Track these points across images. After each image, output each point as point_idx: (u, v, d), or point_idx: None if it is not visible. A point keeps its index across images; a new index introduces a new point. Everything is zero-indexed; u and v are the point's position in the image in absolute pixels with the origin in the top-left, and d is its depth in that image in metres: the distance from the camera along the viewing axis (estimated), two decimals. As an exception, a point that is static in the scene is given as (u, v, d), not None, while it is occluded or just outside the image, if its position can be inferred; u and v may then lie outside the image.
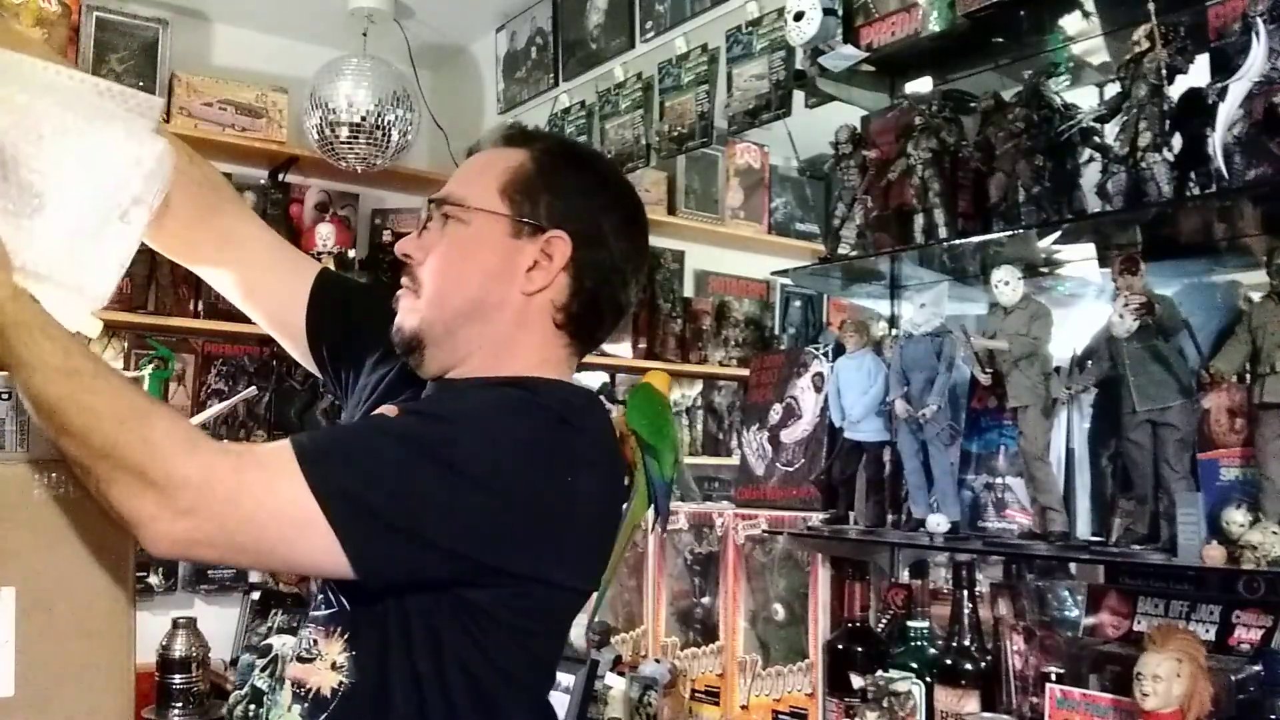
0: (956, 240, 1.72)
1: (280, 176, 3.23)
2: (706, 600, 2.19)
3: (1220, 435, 1.42)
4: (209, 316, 2.96)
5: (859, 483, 1.83)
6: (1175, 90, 1.46)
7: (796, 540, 1.97)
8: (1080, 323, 1.65)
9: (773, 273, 2.49)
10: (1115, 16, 1.69)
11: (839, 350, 1.93)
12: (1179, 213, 1.51)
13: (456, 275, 1.13)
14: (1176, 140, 1.45)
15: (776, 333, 3.40)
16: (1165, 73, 1.44)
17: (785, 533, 1.97)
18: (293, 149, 3.14)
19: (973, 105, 1.78)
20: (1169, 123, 1.45)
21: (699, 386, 3.33)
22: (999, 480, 1.67)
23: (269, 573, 2.95)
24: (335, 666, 1.06)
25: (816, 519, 1.90)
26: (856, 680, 1.76)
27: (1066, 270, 1.79)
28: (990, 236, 1.67)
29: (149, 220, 1.07)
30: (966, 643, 1.67)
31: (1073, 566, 1.67)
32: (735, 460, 2.29)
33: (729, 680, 2.09)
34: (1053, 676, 1.52)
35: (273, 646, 2.23)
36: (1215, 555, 1.32)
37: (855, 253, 1.89)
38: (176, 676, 2.36)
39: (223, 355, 3.12)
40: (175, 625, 2.40)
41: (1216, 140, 1.39)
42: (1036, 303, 1.60)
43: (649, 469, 1.31)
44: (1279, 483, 1.33)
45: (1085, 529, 1.56)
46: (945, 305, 1.71)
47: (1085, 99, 1.67)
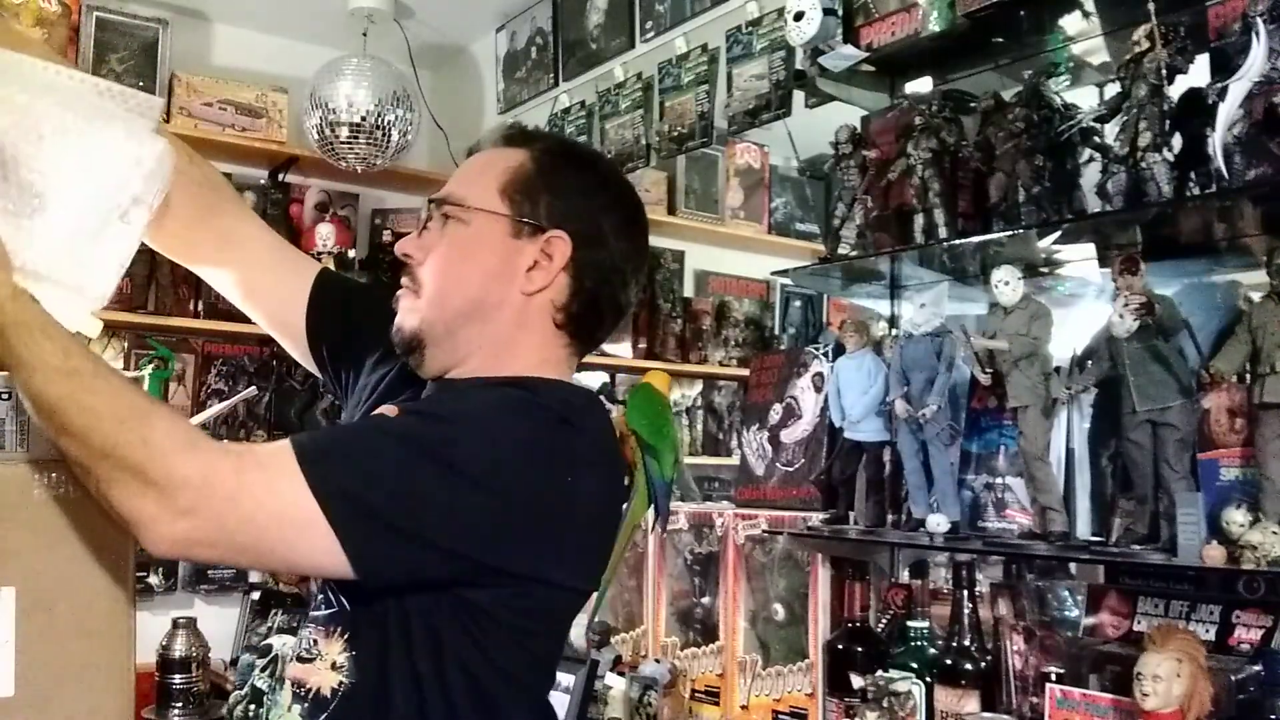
0: (956, 240, 1.72)
1: (280, 176, 3.23)
2: (706, 600, 2.19)
3: (1220, 435, 1.42)
4: (209, 316, 2.96)
5: (859, 483, 1.83)
6: (1175, 90, 1.46)
7: (796, 540, 1.97)
8: (1080, 323, 1.65)
9: (773, 273, 2.49)
10: (1115, 16, 1.69)
11: (839, 350, 1.93)
12: (1179, 213, 1.51)
13: (457, 275, 1.13)
14: (1176, 140, 1.45)
15: (776, 333, 3.40)
16: (1165, 73, 1.44)
17: (785, 533, 1.97)
18: (293, 149, 3.14)
19: (973, 105, 1.78)
20: (1169, 123, 1.45)
21: (699, 386, 3.33)
22: (999, 480, 1.67)
23: (269, 573, 2.95)
24: (335, 666, 1.06)
25: (816, 519, 1.90)
26: (856, 680, 1.76)
27: (1066, 270, 1.79)
28: (990, 236, 1.67)
29: (149, 220, 1.07)
30: (966, 643, 1.66)
31: (1073, 566, 1.67)
32: (735, 460, 2.29)
33: (729, 680, 2.09)
34: (1053, 676, 1.52)
35: (273, 646, 2.23)
36: (1215, 555, 1.32)
37: (855, 253, 1.88)
38: (176, 676, 2.36)
39: (223, 355, 3.12)
40: (175, 625, 2.40)
41: (1216, 140, 1.39)
42: (1036, 303, 1.60)
43: (649, 469, 1.31)
44: (1279, 483, 1.33)
45: (1085, 529, 1.56)
46: (945, 305, 1.71)
47: (1085, 99, 1.67)
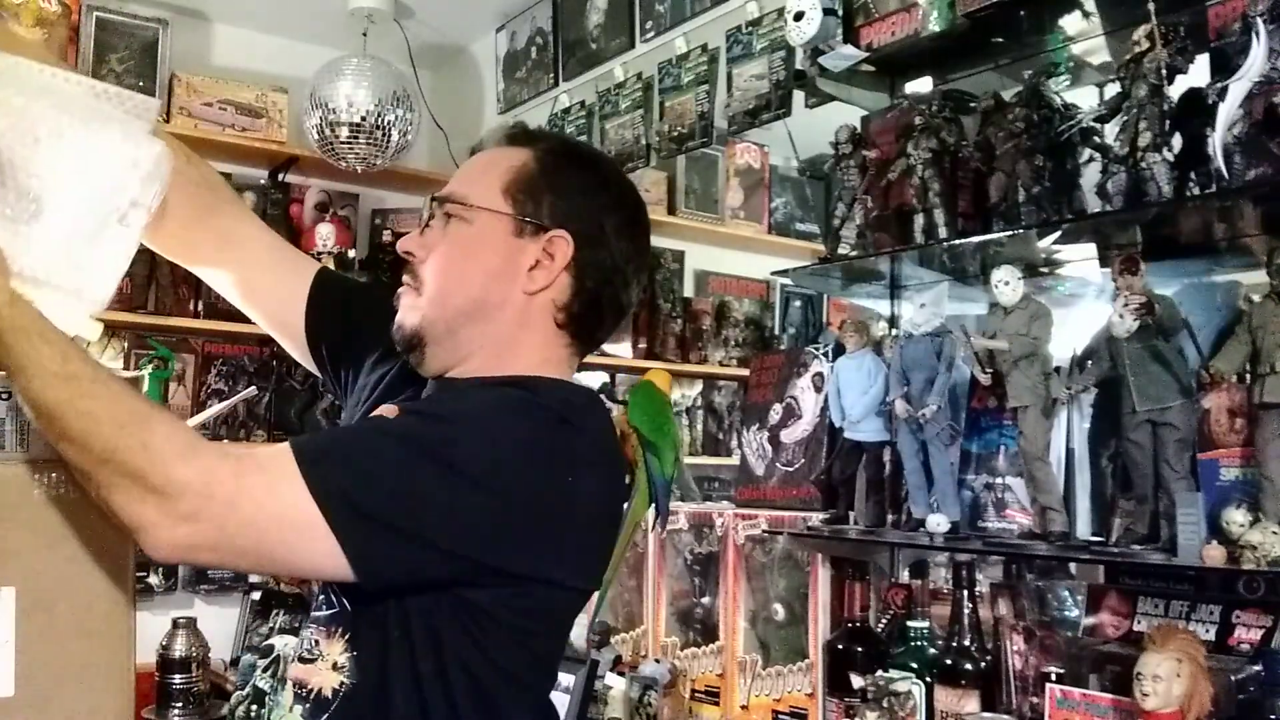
0: (956, 240, 1.72)
1: (280, 176, 3.23)
2: (706, 600, 2.19)
3: (1220, 435, 1.42)
4: (209, 316, 2.96)
5: (859, 483, 1.83)
6: (1175, 90, 1.46)
7: (796, 540, 1.97)
8: (1080, 323, 1.65)
9: (773, 273, 2.49)
10: (1115, 16, 1.69)
11: (839, 350, 1.93)
12: (1179, 213, 1.51)
13: (459, 274, 1.13)
14: (1176, 140, 1.45)
15: (776, 333, 3.40)
16: (1165, 73, 1.44)
17: (785, 533, 1.97)
18: (293, 149, 3.14)
19: (973, 105, 1.78)
20: (1169, 123, 1.45)
21: (699, 386, 3.33)
22: (999, 480, 1.67)
23: (270, 575, 2.95)
24: (336, 667, 1.06)
25: (816, 519, 1.90)
26: (856, 680, 1.76)
27: (1066, 270, 1.79)
28: (990, 236, 1.67)
29: (147, 223, 1.07)
30: (966, 643, 1.66)
31: (1073, 566, 1.67)
32: (735, 460, 2.29)
33: (729, 680, 2.09)
34: (1053, 676, 1.52)
35: (274, 647, 2.23)
36: (1215, 555, 1.32)
37: (855, 253, 1.88)
38: (176, 676, 2.36)
39: (223, 355, 3.12)
40: (175, 625, 2.39)
41: (1216, 140, 1.39)
42: (1036, 303, 1.60)
43: (650, 467, 1.31)
44: (1279, 483, 1.33)
45: (1085, 529, 1.56)
46: (945, 305, 1.71)
47: (1085, 99, 1.67)
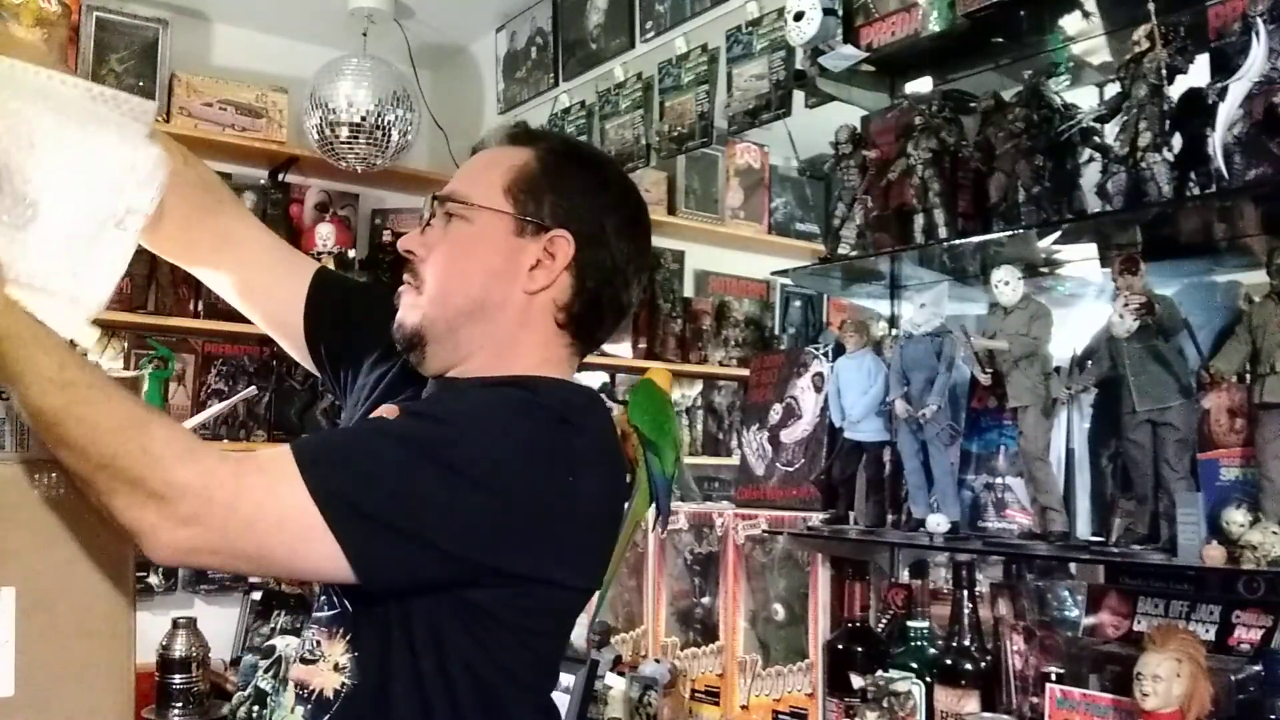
0: (956, 240, 1.72)
1: (280, 176, 3.23)
2: (706, 600, 2.19)
3: (1220, 435, 1.42)
4: (209, 316, 2.96)
5: (859, 483, 1.83)
6: (1175, 90, 1.46)
7: (796, 540, 1.97)
8: (1080, 323, 1.65)
9: (773, 273, 2.48)
10: (1115, 16, 1.69)
11: (839, 350, 1.93)
12: (1179, 213, 1.51)
13: (460, 273, 1.13)
14: (1176, 140, 1.45)
15: (776, 333, 3.39)
16: (1165, 73, 1.44)
17: (785, 533, 1.97)
18: (293, 149, 3.14)
19: (973, 105, 1.78)
20: (1169, 123, 1.45)
21: (699, 386, 3.33)
22: (999, 480, 1.67)
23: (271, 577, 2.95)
24: (338, 668, 1.06)
25: (816, 519, 1.90)
26: (856, 680, 1.76)
27: (1066, 270, 1.79)
28: (990, 236, 1.67)
29: (143, 227, 1.07)
30: (966, 643, 1.66)
31: (1073, 566, 1.67)
32: (735, 460, 2.29)
33: (729, 680, 2.09)
34: (1053, 676, 1.52)
35: (276, 647, 2.23)
36: (1215, 555, 1.32)
37: (855, 253, 1.88)
38: (176, 676, 2.36)
39: (223, 355, 3.12)
40: (175, 625, 2.40)
41: (1216, 140, 1.39)
42: (1036, 303, 1.60)
43: (650, 465, 1.31)
44: (1279, 483, 1.33)
45: (1085, 529, 1.56)
46: (945, 305, 1.71)
47: (1085, 99, 1.67)
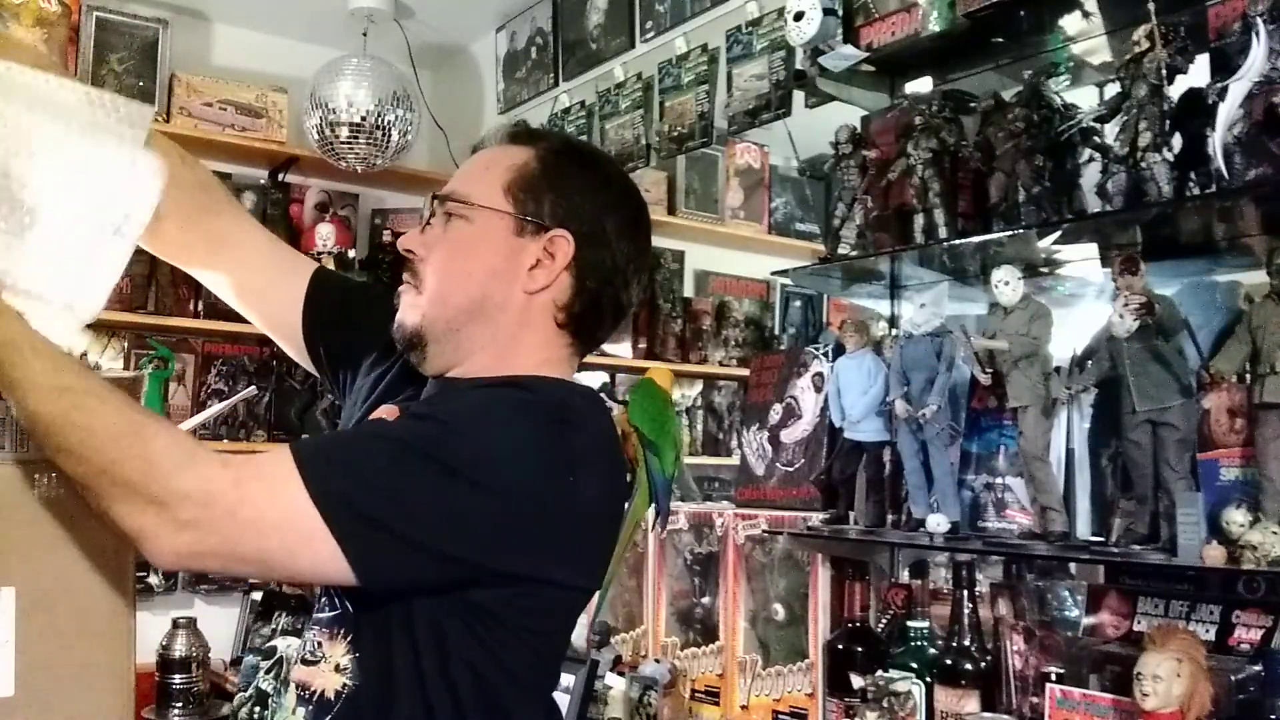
0: (956, 240, 1.72)
1: (280, 176, 3.23)
2: (706, 600, 2.19)
3: (1220, 435, 1.42)
4: (209, 316, 2.96)
5: (859, 483, 1.83)
6: (1175, 90, 1.46)
7: (796, 540, 1.97)
8: (1080, 323, 1.65)
9: (773, 273, 2.48)
10: (1116, 16, 1.68)
11: (839, 350, 1.93)
12: (1179, 213, 1.51)
13: (460, 273, 1.13)
14: (1176, 140, 1.45)
15: (776, 333, 3.39)
16: (1165, 73, 1.44)
17: (785, 533, 1.97)
18: (293, 149, 3.14)
19: (973, 105, 1.78)
20: (1169, 123, 1.45)
21: (699, 386, 3.33)
22: (999, 480, 1.67)
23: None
24: (339, 669, 1.06)
25: (816, 519, 1.90)
26: (856, 680, 1.76)
27: (1066, 270, 1.79)
28: (990, 236, 1.67)
29: (140, 234, 1.07)
30: (966, 643, 1.66)
31: (1073, 566, 1.67)
32: (735, 460, 2.29)
33: (729, 680, 2.09)
34: (1053, 676, 1.52)
35: (277, 648, 2.23)
36: (1215, 555, 1.32)
37: (855, 253, 1.88)
38: (176, 676, 2.36)
39: (223, 355, 3.12)
40: (175, 625, 2.40)
41: (1216, 140, 1.39)
42: (1036, 303, 1.60)
43: (650, 465, 1.31)
44: (1279, 483, 1.33)
45: (1085, 529, 1.56)
46: (945, 305, 1.71)
47: (1085, 99, 1.67)
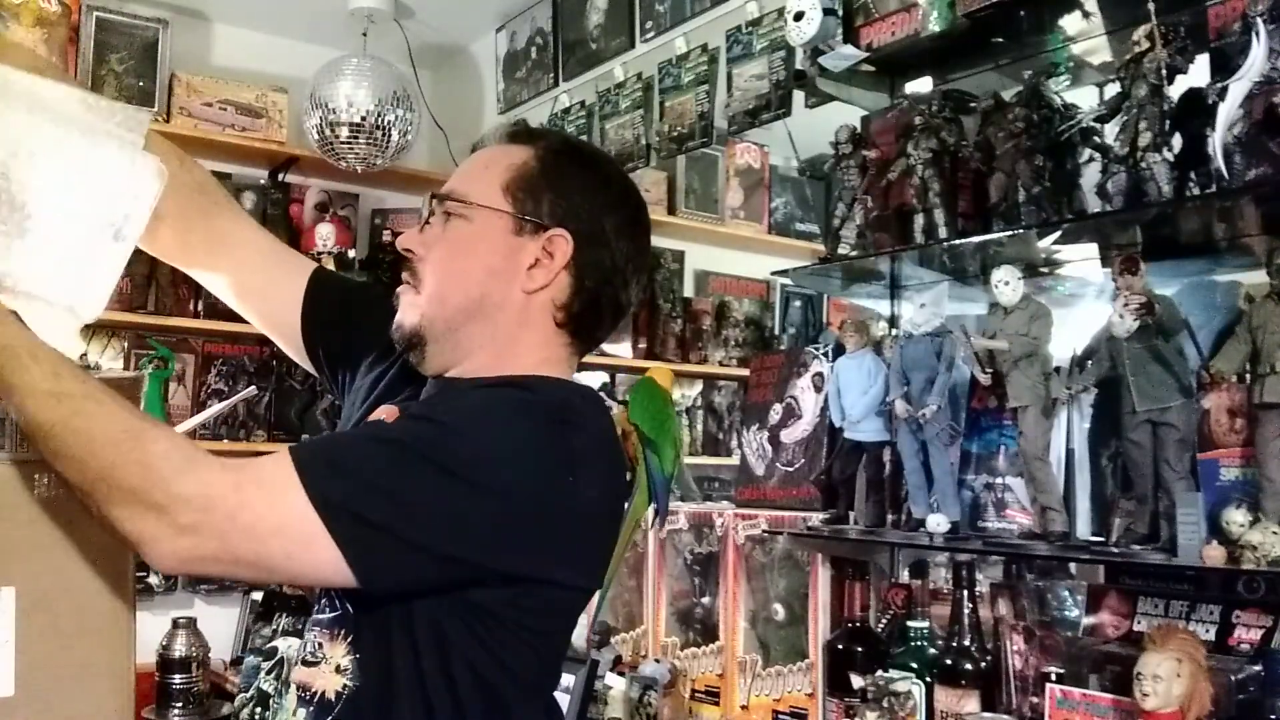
0: (956, 240, 1.72)
1: (280, 176, 3.23)
2: (706, 600, 2.19)
3: (1220, 435, 1.42)
4: (209, 316, 2.96)
5: (859, 483, 1.83)
6: (1175, 90, 1.46)
7: (796, 540, 1.97)
8: (1080, 323, 1.65)
9: (773, 273, 2.48)
10: (1116, 16, 1.69)
11: (839, 350, 1.93)
12: (1179, 213, 1.51)
13: (459, 272, 1.13)
14: (1176, 140, 1.45)
15: (776, 333, 3.40)
16: (1165, 73, 1.44)
17: (785, 533, 1.97)
18: (293, 149, 3.15)
19: (973, 105, 1.78)
20: (1169, 123, 1.45)
21: (699, 386, 3.33)
22: (999, 480, 1.67)
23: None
24: (340, 670, 1.06)
25: (816, 519, 1.90)
26: (856, 680, 1.76)
27: (1066, 270, 1.79)
28: (990, 236, 1.67)
29: (140, 234, 1.07)
30: (966, 643, 1.66)
31: (1073, 566, 1.67)
32: (735, 460, 2.29)
33: (729, 680, 2.09)
34: (1053, 676, 1.52)
35: (278, 649, 2.23)
36: (1215, 555, 1.32)
37: (855, 253, 1.88)
38: (176, 676, 2.36)
39: (223, 355, 3.12)
40: (175, 625, 2.40)
41: (1216, 140, 1.39)
42: (1036, 303, 1.60)
43: (649, 464, 1.31)
44: (1279, 483, 1.33)
45: (1085, 529, 1.56)
46: (945, 305, 1.71)
47: (1085, 99, 1.67)
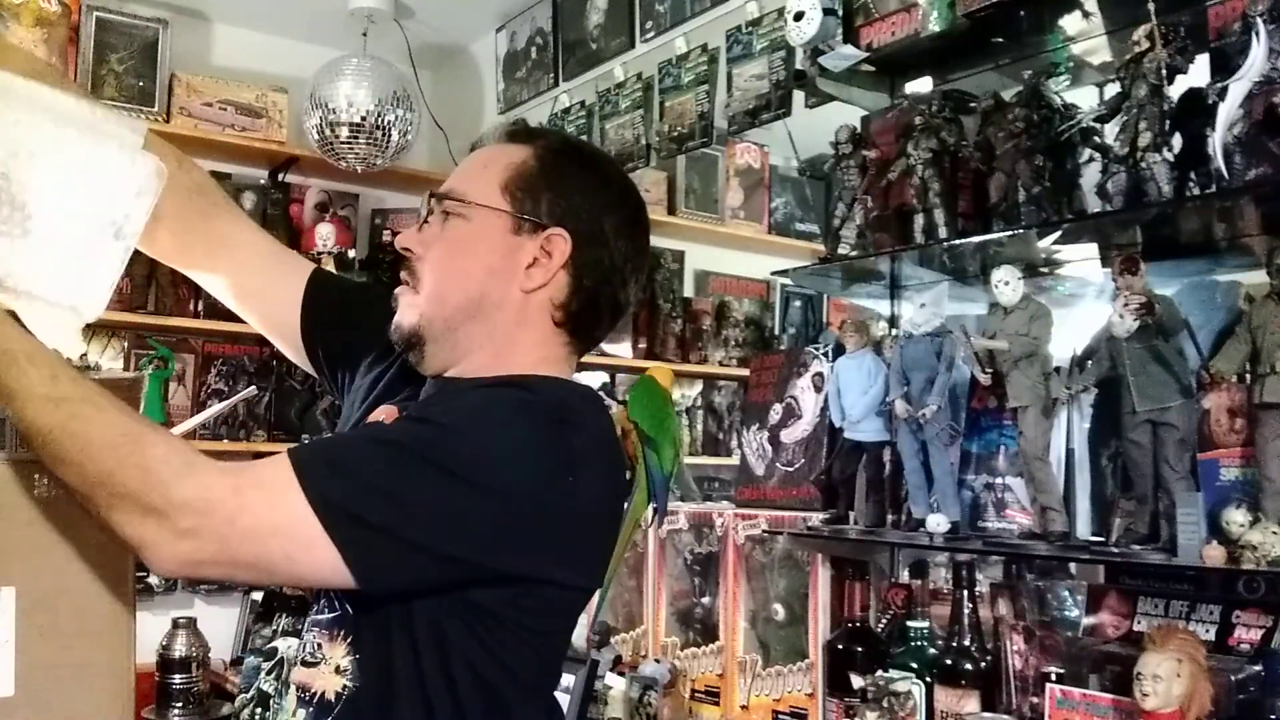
0: (956, 240, 1.72)
1: (280, 176, 3.23)
2: (706, 600, 2.19)
3: (1220, 435, 1.42)
4: (209, 316, 2.96)
5: (859, 483, 1.83)
6: (1175, 90, 1.46)
7: (796, 540, 1.97)
8: (1080, 323, 1.65)
9: (773, 273, 2.48)
10: (1116, 16, 1.69)
11: (839, 350, 1.93)
12: (1179, 213, 1.51)
13: (457, 271, 1.13)
14: (1176, 140, 1.45)
15: (776, 333, 3.40)
16: (1165, 73, 1.44)
17: (785, 533, 1.97)
18: (293, 149, 3.15)
19: (973, 105, 1.78)
20: (1169, 123, 1.45)
21: (699, 386, 3.33)
22: (999, 480, 1.67)
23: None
24: (339, 670, 1.06)
25: (816, 519, 1.90)
26: (856, 680, 1.76)
27: (1066, 270, 1.79)
28: (990, 236, 1.67)
29: (139, 235, 1.07)
30: (966, 643, 1.66)
31: (1073, 566, 1.67)
32: (735, 460, 2.29)
33: (729, 680, 2.09)
34: (1053, 676, 1.52)
35: (278, 649, 2.23)
36: (1215, 555, 1.32)
37: (855, 253, 1.88)
38: (176, 676, 2.36)
39: (223, 355, 3.12)
40: (175, 625, 2.40)
41: (1216, 140, 1.39)
42: (1036, 303, 1.60)
43: (649, 462, 1.30)
44: (1279, 483, 1.33)
45: (1085, 529, 1.56)
46: (945, 305, 1.71)
47: (1085, 99, 1.67)
